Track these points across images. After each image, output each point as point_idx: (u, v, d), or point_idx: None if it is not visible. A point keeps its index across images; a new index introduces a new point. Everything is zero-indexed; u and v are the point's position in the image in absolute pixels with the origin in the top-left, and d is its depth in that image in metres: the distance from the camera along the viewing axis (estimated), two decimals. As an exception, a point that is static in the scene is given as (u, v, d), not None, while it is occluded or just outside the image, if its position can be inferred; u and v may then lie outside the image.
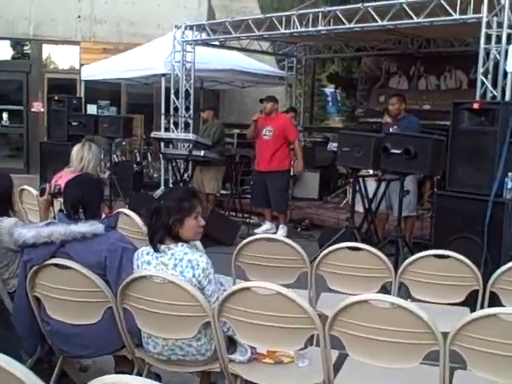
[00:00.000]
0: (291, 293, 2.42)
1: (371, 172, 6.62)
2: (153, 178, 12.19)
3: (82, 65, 13.30)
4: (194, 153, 8.52)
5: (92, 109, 14.14)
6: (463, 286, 3.29)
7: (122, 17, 14.16)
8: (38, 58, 14.42)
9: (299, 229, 8.45)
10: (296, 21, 8.18)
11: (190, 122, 10.15)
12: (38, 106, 14.08)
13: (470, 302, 3.40)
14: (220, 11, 14.96)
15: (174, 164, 9.08)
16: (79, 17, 14.21)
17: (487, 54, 6.53)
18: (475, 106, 4.81)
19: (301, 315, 2.42)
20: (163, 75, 10.32)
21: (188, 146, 8.76)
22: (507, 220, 4.68)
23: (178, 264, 2.74)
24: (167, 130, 10.38)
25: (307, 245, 7.01)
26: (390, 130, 6.74)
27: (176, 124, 10.15)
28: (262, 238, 3.58)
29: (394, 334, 2.32)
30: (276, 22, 8.40)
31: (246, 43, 11.17)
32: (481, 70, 6.52)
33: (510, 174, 4.70)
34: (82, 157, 4.88)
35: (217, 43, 10.36)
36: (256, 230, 8.28)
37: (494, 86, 6.45)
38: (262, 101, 8.18)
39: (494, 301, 3.32)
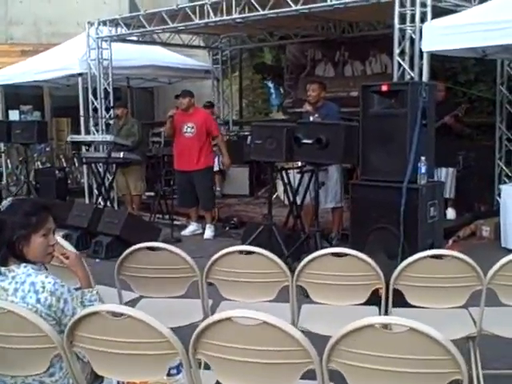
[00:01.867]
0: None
1: (299, 164, 6.36)
2: (80, 184, 11.67)
3: (-1, 69, 12.64)
4: (113, 155, 8.09)
5: (14, 115, 13.46)
6: (365, 284, 2.99)
7: (39, 16, 13.53)
8: (-49, 64, 13.64)
9: (227, 228, 8.09)
10: (210, 10, 7.82)
11: (111, 122, 9.66)
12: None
13: (374, 301, 3.11)
14: (146, 5, 14.47)
15: (94, 168, 8.64)
16: (-7, 18, 13.52)
17: (402, 34, 6.31)
18: (383, 88, 4.56)
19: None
20: (80, 75, 9.79)
21: (104, 148, 8.34)
22: (422, 207, 4.44)
23: (20, 288, 2.34)
24: (88, 132, 9.88)
25: (234, 244, 6.69)
26: (311, 118, 6.48)
27: (97, 125, 9.65)
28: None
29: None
30: (190, 13, 8.03)
31: (169, 37, 10.79)
32: (397, 50, 6.28)
33: (422, 158, 4.46)
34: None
35: (134, 38, 9.90)
36: (182, 232, 7.94)
37: (412, 67, 6.25)
38: (177, 96, 7.81)
39: (399, 299, 3.04)
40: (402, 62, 6.27)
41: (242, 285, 3.07)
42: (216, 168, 9.94)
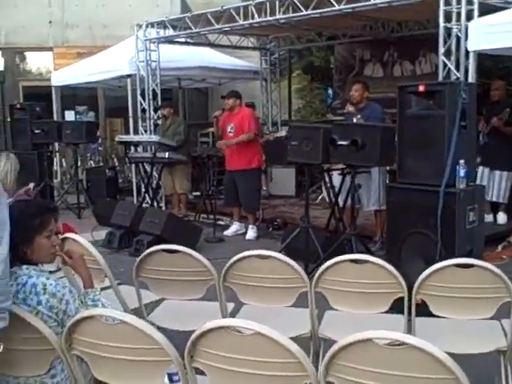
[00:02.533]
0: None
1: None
2: (131, 183, 11.84)
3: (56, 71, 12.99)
4: (159, 155, 8.18)
5: (70, 115, 13.81)
6: (386, 293, 2.87)
7: (93, 20, 13.81)
8: (11, 66, 14.10)
9: (271, 228, 8.04)
10: (254, 11, 7.79)
11: (159, 123, 9.76)
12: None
13: (399, 309, 2.99)
14: (199, 7, 14.57)
15: (141, 167, 8.74)
16: (50, 22, 13.87)
17: (448, 33, 6.11)
18: (420, 88, 4.39)
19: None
20: (129, 76, 9.94)
21: (152, 148, 8.43)
22: (460, 212, 4.26)
23: (21, 290, 2.35)
24: (137, 132, 10.01)
25: (274, 246, 6.64)
26: (354, 120, 6.35)
27: (145, 126, 9.77)
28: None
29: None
30: (234, 14, 8.02)
31: (217, 38, 10.83)
32: (442, 50, 6.09)
33: (461, 161, 4.28)
34: (-3, 169, 4.49)
35: (182, 40, 9.98)
36: (225, 232, 7.93)
37: (458, 67, 6.04)
38: (223, 97, 7.80)
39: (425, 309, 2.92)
40: (447, 62, 6.07)
41: (260, 289, 3.01)
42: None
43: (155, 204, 8.48)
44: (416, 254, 4.52)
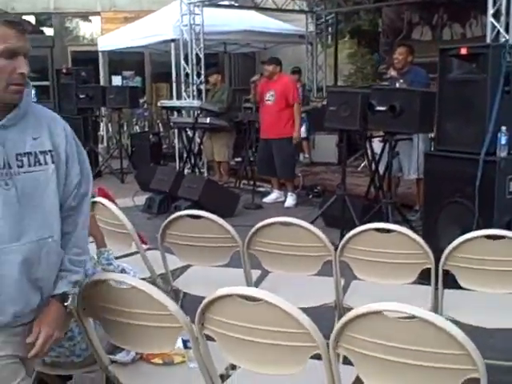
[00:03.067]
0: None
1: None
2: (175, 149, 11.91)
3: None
4: (200, 120, 8.17)
5: (117, 80, 13.91)
6: (412, 263, 2.79)
7: (140, -17, 13.78)
8: (60, 31, 14.27)
9: (311, 196, 7.96)
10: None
11: (202, 88, 9.72)
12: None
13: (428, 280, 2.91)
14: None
15: (184, 133, 8.76)
16: (98, -14, 13.92)
17: (498, -7, 5.82)
18: (462, 51, 4.19)
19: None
20: (173, 40, 9.90)
21: (195, 113, 8.40)
22: (500, 181, 4.08)
23: None
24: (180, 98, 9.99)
25: (313, 212, 6.57)
26: (397, 84, 6.16)
27: (188, 91, 9.73)
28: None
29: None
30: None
31: (264, 1, 10.68)
32: (491, 11, 5.80)
33: (503, 127, 4.09)
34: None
35: (226, 3, 9.85)
36: (264, 199, 7.90)
37: (507, 29, 5.76)
38: (263, 63, 7.70)
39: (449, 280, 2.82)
40: (496, 24, 5.79)
41: (284, 257, 2.97)
42: (304, 135, 9.81)
43: (196, 170, 8.51)
44: (453, 224, 4.37)
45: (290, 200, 7.61)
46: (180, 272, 3.50)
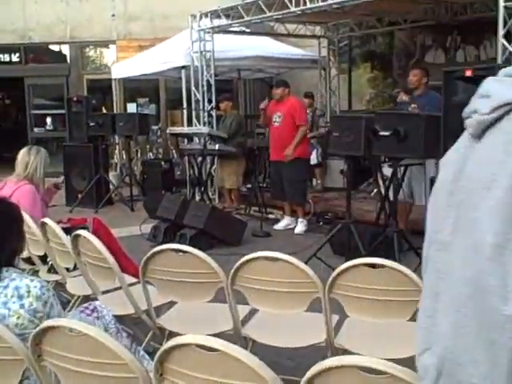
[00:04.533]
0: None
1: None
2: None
3: (119, 64, 13.11)
4: (209, 147, 8.07)
5: (132, 107, 13.93)
6: (405, 301, 2.58)
7: (155, 12, 13.84)
8: (75, 60, 14.38)
9: (321, 222, 7.76)
10: (305, -3, 7.50)
11: (213, 114, 9.64)
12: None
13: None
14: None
15: (193, 160, 8.65)
16: (113, 15, 14.01)
17: (509, 13, 5.64)
18: (467, 73, 4.01)
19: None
20: (183, 67, 9.86)
21: (204, 140, 8.29)
22: None
23: (1, 293, 2.21)
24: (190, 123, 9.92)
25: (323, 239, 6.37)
26: (409, 109, 5.98)
27: (198, 118, 9.65)
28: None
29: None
30: (286, 1, 7.75)
31: (272, 26, 10.62)
32: (501, 32, 5.63)
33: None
34: (28, 162, 4.44)
35: (237, 29, 9.80)
36: (275, 226, 7.72)
37: (519, 51, 5.57)
38: (271, 87, 7.59)
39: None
40: (507, 45, 5.61)
41: (270, 293, 2.78)
42: (315, 161, 9.65)
43: (205, 197, 8.38)
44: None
45: (300, 227, 7.43)
46: (167, 308, 3.34)
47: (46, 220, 3.68)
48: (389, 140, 4.46)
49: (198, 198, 8.60)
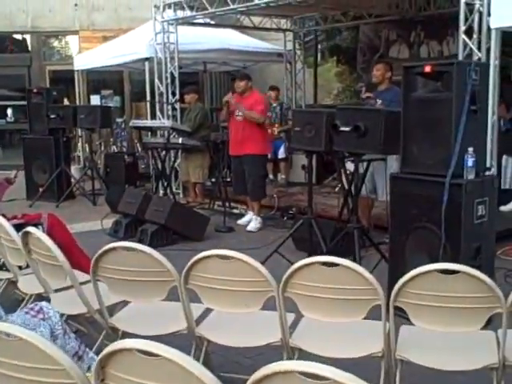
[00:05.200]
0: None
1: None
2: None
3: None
4: (172, 140, 7.95)
5: (95, 100, 13.69)
6: (361, 300, 2.55)
7: (119, 2, 13.65)
8: (37, 50, 14.08)
9: (285, 218, 7.72)
10: (270, -11, 7.45)
11: (177, 107, 9.52)
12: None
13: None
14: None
15: (156, 154, 8.52)
16: (76, 5, 13.74)
17: (470, 9, 5.67)
18: (426, 69, 3.99)
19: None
20: (147, 59, 9.71)
21: (167, 134, 8.17)
22: (467, 205, 3.87)
23: None
24: (154, 117, 9.78)
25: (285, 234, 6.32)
26: (376, 105, 5.96)
27: (162, 111, 9.52)
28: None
29: None
30: (251, -7, 7.68)
31: (238, 19, 10.53)
32: (462, 28, 5.67)
33: (470, 149, 3.88)
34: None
35: (202, 21, 9.68)
36: (239, 222, 7.64)
37: (479, 47, 5.60)
38: (233, 80, 7.49)
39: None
40: (468, 41, 5.64)
41: (223, 293, 2.72)
42: (283, 155, 9.62)
43: (168, 191, 8.27)
44: (421, 251, 4.15)
45: (253, 224, 7.31)
46: (122, 307, 3.25)
47: (-4, 217, 3.55)
48: (349, 135, 4.43)
49: (161, 192, 8.50)
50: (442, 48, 8.83)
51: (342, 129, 4.46)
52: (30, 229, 3.18)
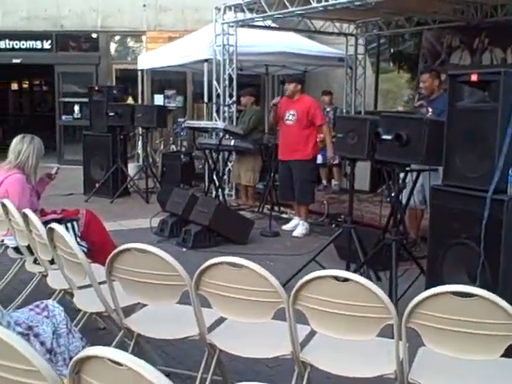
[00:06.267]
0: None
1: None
2: (209, 170, 11.71)
3: (148, 54, 13.08)
4: (224, 142, 7.96)
5: (159, 99, 13.91)
6: (372, 318, 2.43)
7: (186, 4, 13.80)
8: (106, 49, 14.43)
9: (333, 225, 7.58)
10: (328, -7, 7.32)
11: (233, 109, 9.53)
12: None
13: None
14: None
15: (209, 155, 8.55)
16: (144, 6, 14.00)
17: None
18: (473, 77, 3.80)
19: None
20: (206, 61, 9.77)
21: (220, 135, 8.18)
22: (509, 223, 3.65)
23: None
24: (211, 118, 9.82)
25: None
26: (429, 115, 5.77)
27: (218, 112, 9.55)
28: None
29: None
30: (309, -4, 7.58)
31: (299, 22, 10.42)
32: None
33: (515, 163, 3.66)
34: (20, 151, 4.38)
35: (262, 24, 9.65)
36: (284, 227, 7.56)
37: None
38: (283, 83, 7.42)
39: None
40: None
41: (233, 301, 2.66)
42: (336, 161, 9.45)
43: (220, 193, 8.27)
44: (459, 267, 3.97)
45: (300, 229, 7.23)
46: (140, 308, 3.24)
47: (26, 211, 3.61)
48: (391, 144, 4.28)
49: (215, 193, 8.51)
50: (505, 55, 8.46)
51: (384, 137, 4.31)
52: (54, 225, 3.21)
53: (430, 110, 5.94)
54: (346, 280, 2.45)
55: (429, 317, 2.35)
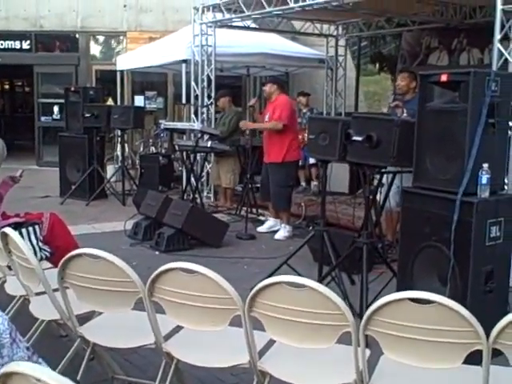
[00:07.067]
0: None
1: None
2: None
3: (128, 55, 12.94)
4: (202, 144, 7.85)
5: (139, 100, 13.77)
6: (332, 325, 2.34)
7: (166, 4, 13.70)
8: (85, 50, 14.27)
9: (310, 227, 7.48)
10: (305, -8, 7.25)
11: (212, 110, 9.42)
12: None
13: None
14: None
15: (185, 156, 8.43)
16: (125, 6, 13.87)
17: (508, 17, 5.35)
18: (443, 77, 3.73)
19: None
20: (184, 61, 9.66)
21: (197, 137, 8.09)
22: (479, 226, 3.58)
23: None
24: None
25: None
26: (403, 116, 5.70)
27: (197, 113, 9.44)
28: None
29: None
30: (286, -4, 7.50)
31: (280, 22, 10.34)
32: (498, 36, 5.36)
33: (485, 165, 3.59)
34: (-19, 153, 4.26)
35: (241, 24, 9.56)
36: (258, 229, 7.46)
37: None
38: (263, 84, 7.34)
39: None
40: (503, 51, 5.32)
41: (188, 308, 2.55)
42: (313, 161, 9.35)
43: (197, 195, 8.16)
44: (429, 270, 3.89)
45: (282, 232, 7.12)
46: (98, 315, 3.13)
47: (-19, 215, 3.49)
48: (361, 145, 4.20)
49: (192, 195, 8.39)
50: (483, 56, 8.43)
51: (355, 138, 4.23)
52: (7, 230, 3.09)
53: (405, 110, 5.88)
54: (301, 286, 2.36)
55: (387, 324, 2.26)
